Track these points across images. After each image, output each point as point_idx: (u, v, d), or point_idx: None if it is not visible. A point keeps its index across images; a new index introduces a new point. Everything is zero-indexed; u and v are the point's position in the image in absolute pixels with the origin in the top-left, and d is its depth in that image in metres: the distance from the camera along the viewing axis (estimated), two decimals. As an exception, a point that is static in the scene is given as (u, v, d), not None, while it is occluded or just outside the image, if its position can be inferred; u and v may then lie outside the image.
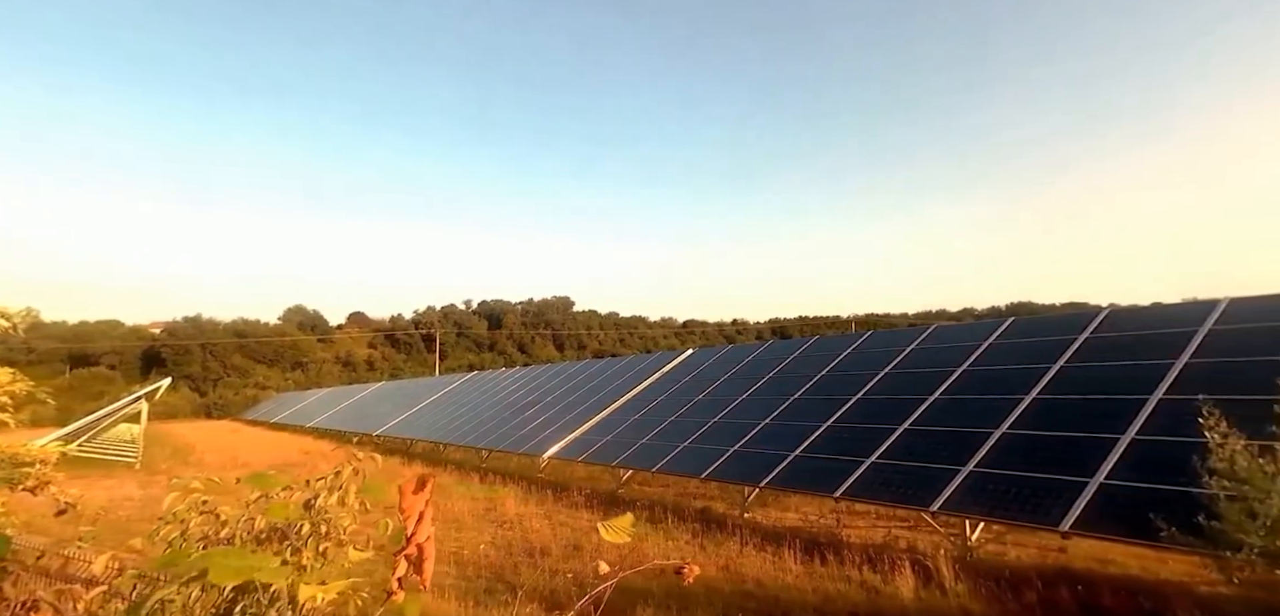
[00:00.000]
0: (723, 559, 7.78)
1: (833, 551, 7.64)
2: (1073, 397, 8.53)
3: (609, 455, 13.22)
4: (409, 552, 1.54)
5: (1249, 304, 8.85)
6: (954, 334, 12.60)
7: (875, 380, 11.63)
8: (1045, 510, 6.64)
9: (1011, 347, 10.71)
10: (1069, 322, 10.67)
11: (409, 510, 1.54)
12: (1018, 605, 5.75)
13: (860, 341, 14.03)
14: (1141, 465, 6.65)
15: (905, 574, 6.54)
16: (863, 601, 6.15)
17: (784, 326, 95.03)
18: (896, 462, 8.73)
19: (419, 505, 1.56)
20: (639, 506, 10.63)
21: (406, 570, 1.56)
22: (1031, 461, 7.57)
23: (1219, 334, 8.45)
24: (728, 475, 10.52)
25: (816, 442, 10.19)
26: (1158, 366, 8.29)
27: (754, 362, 15.49)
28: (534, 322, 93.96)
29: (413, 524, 1.54)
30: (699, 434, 12.43)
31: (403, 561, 1.55)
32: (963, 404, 9.57)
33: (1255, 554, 3.72)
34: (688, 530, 9.07)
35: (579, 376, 21.06)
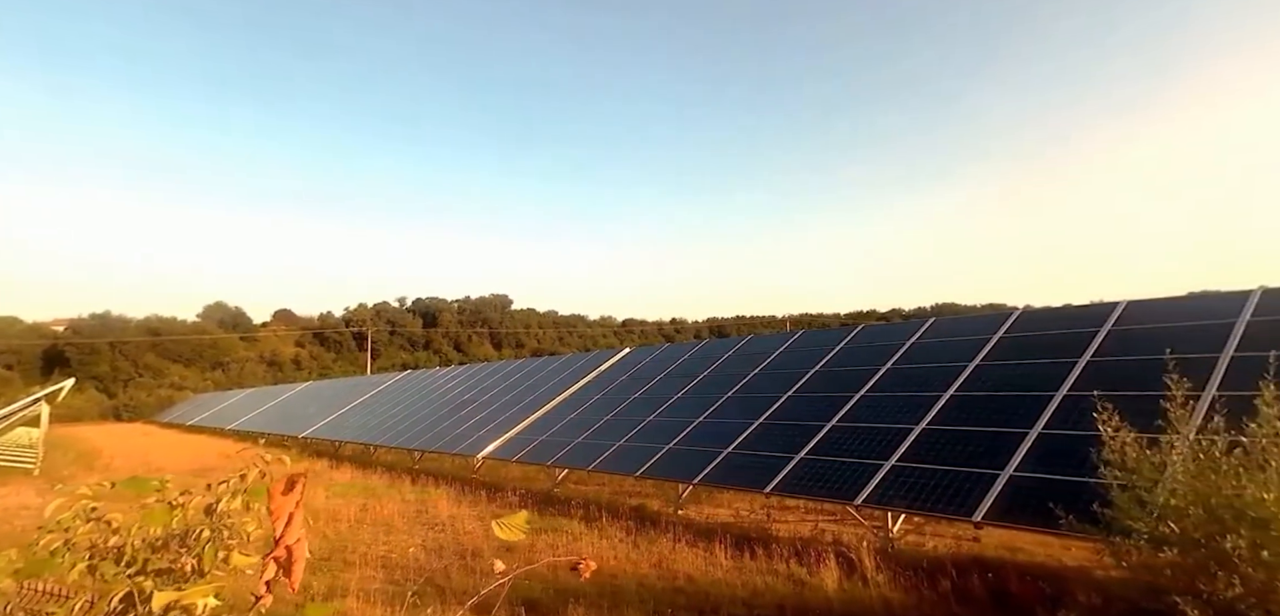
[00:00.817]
0: (656, 556, 7.83)
1: (762, 546, 7.79)
2: (988, 394, 8.96)
3: (545, 454, 13.12)
4: (278, 555, 1.49)
5: (1144, 305, 9.52)
6: (880, 333, 13.06)
7: (805, 378, 11.94)
8: (960, 502, 6.96)
9: (933, 347, 11.18)
10: (986, 323, 11.22)
11: (278, 511, 1.49)
12: (933, 593, 6.01)
13: (792, 340, 14.37)
14: (1046, 458, 7.06)
15: (830, 566, 6.74)
16: (789, 594, 6.30)
17: (722, 326, 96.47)
18: (824, 458, 8.98)
19: (288, 506, 1.51)
20: (574, 505, 10.59)
21: (275, 573, 1.51)
22: (949, 455, 7.92)
23: (1117, 334, 9.05)
24: (662, 473, 10.60)
25: (748, 439, 10.39)
26: (1063, 364, 8.81)
27: (690, 361, 15.66)
28: (471, 321, 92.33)
29: (282, 525, 1.49)
30: (635, 432, 12.48)
31: (271, 564, 1.50)
32: (887, 401, 9.93)
33: (1143, 539, 4.01)
34: (622, 528, 9.10)
35: (515, 375, 20.82)
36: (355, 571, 7.66)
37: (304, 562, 1.52)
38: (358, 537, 9.37)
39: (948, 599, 5.89)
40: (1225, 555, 3.54)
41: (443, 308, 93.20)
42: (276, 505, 1.50)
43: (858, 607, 5.85)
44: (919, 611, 5.70)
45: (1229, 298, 8.64)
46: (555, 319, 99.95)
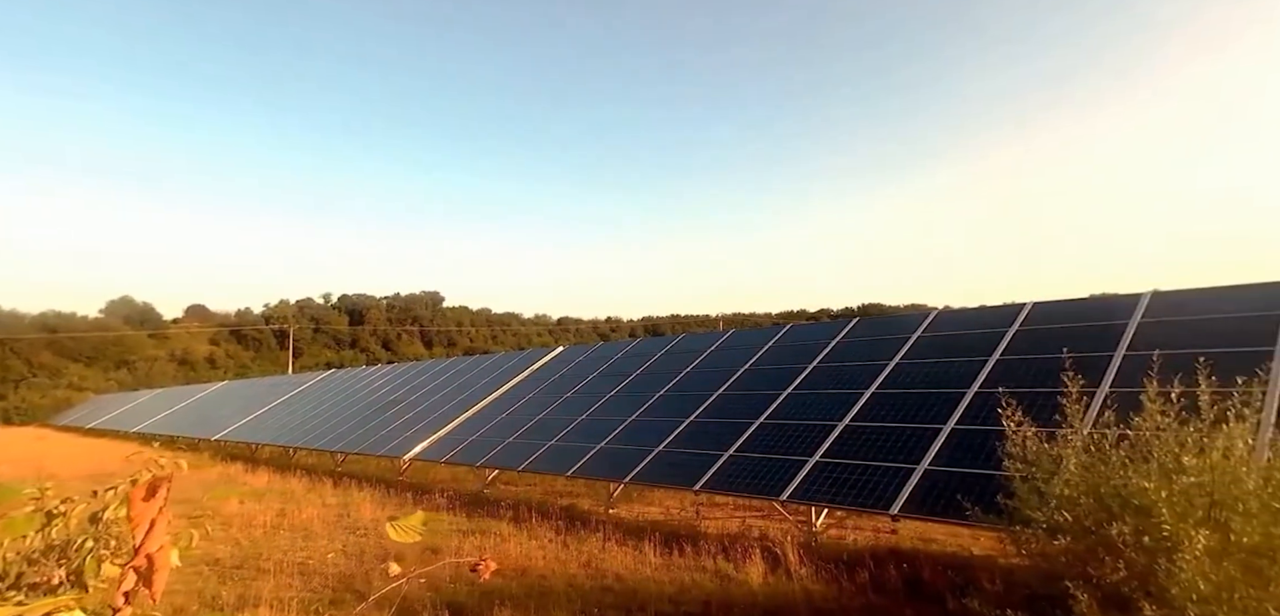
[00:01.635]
0: (586, 555, 7.80)
1: (691, 543, 7.88)
2: (906, 391, 9.33)
3: (474, 455, 12.88)
4: (137, 564, 1.40)
5: (1048, 307, 10.11)
6: (807, 333, 13.42)
7: (736, 377, 12.14)
8: (879, 496, 7.22)
9: (856, 345, 11.56)
10: (905, 323, 11.68)
11: (138, 518, 1.40)
12: (852, 585, 6.22)
13: (723, 340, 14.60)
14: (958, 452, 7.40)
15: (755, 561, 6.87)
16: (715, 589, 6.39)
17: (657, 325, 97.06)
18: (752, 455, 9.15)
19: (150, 512, 1.42)
20: (503, 506, 10.44)
21: (135, 583, 1.42)
22: (870, 451, 8.20)
23: (1024, 333, 9.58)
24: (593, 472, 10.58)
25: (679, 437, 10.48)
26: (975, 362, 9.26)
27: (623, 360, 15.68)
28: (400, 319, 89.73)
29: (142, 533, 1.40)
30: (567, 431, 12.40)
31: (130, 573, 1.41)
32: (813, 398, 10.20)
33: (1041, 528, 4.25)
34: (551, 528, 9.02)
35: (446, 374, 20.36)
36: (270, 579, 7.32)
37: (167, 572, 1.43)
38: (274, 543, 8.96)
39: (865, 589, 6.10)
40: (1112, 541, 3.79)
41: (371, 305, 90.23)
42: (137, 511, 1.40)
43: (780, 601, 5.98)
44: (838, 603, 5.88)
45: (1123, 300, 9.27)
46: (489, 317, 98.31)
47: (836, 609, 5.75)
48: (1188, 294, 8.82)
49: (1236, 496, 3.64)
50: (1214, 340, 7.49)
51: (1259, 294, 8.10)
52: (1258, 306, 7.87)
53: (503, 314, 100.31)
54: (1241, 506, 3.62)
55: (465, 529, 9.32)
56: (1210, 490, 3.73)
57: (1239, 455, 3.80)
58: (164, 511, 1.43)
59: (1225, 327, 7.80)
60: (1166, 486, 3.75)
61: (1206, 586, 3.44)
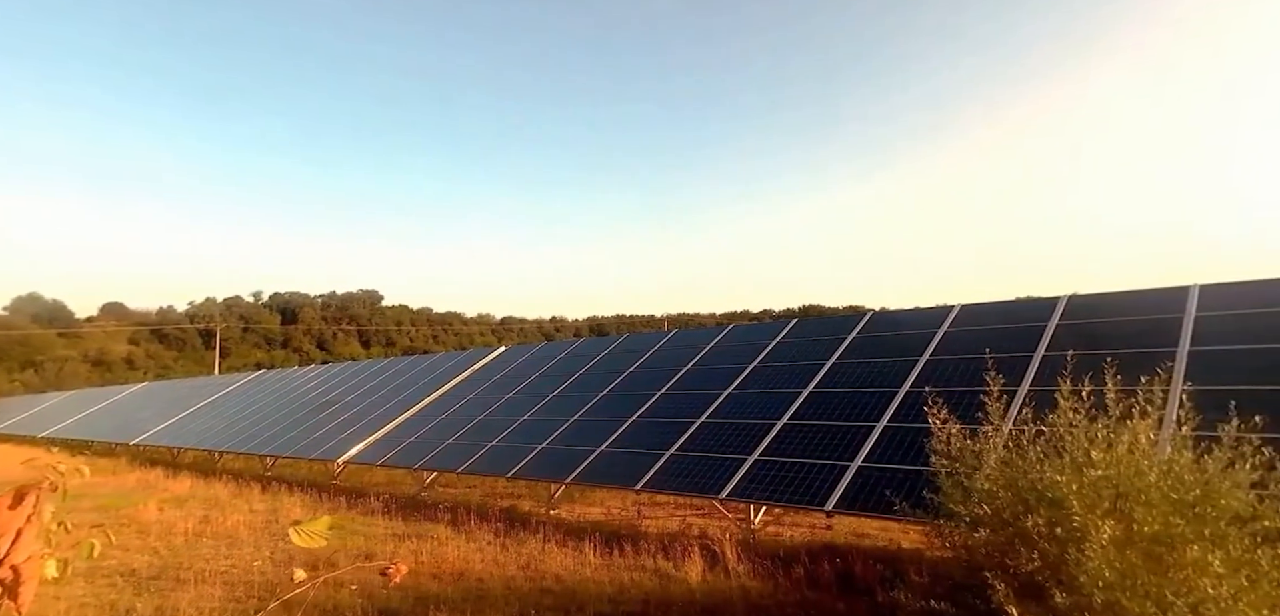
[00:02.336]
0: (525, 557, 7.72)
1: (631, 542, 7.89)
2: (842, 390, 9.58)
3: (412, 457, 12.58)
4: (3, 576, 1.31)
5: (974, 309, 10.55)
6: (748, 333, 13.63)
7: (678, 376, 12.23)
8: (814, 493, 7.39)
9: (795, 346, 11.81)
10: (842, 324, 12.00)
11: (3, 529, 1.31)
12: (788, 580, 6.35)
13: (666, 339, 14.69)
14: (890, 449, 7.65)
15: (695, 559, 6.93)
16: (655, 588, 6.41)
17: (601, 324, 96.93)
18: (693, 454, 9.24)
19: (16, 522, 1.34)
20: (442, 509, 10.22)
21: (0, 595, 1.33)
22: (807, 449, 8.38)
23: (952, 334, 9.96)
24: (534, 473, 10.48)
25: (622, 437, 10.49)
26: (907, 362, 9.59)
27: (566, 360, 15.60)
28: (336, 318, 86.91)
29: (6, 544, 1.32)
30: (508, 432, 12.25)
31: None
32: (753, 397, 10.36)
33: (964, 521, 4.43)
34: (491, 530, 8.89)
35: (384, 374, 19.83)
36: (190, 589, 6.98)
37: (35, 584, 1.34)
38: (196, 552, 8.54)
39: (800, 585, 6.24)
40: (1027, 533, 3.98)
41: (304, 303, 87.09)
42: (1, 521, 1.31)
43: (718, 597, 6.05)
44: (774, 598, 5.99)
45: (1043, 303, 9.75)
46: (430, 317, 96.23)
47: (772, 604, 5.85)
48: (1101, 297, 9.35)
49: (1139, 488, 3.87)
50: (1123, 341, 7.97)
51: (1163, 297, 8.65)
52: (1162, 309, 8.40)
53: (444, 313, 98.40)
54: (1143, 498, 3.85)
55: (402, 533, 9.10)
56: (1116, 483, 3.95)
57: (1142, 450, 4.04)
58: (32, 521, 1.33)
59: (1133, 329, 8.30)
60: (1077, 480, 3.95)
61: (1111, 574, 3.64)
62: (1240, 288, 8.14)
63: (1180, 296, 8.45)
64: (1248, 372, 6.71)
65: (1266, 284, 8.02)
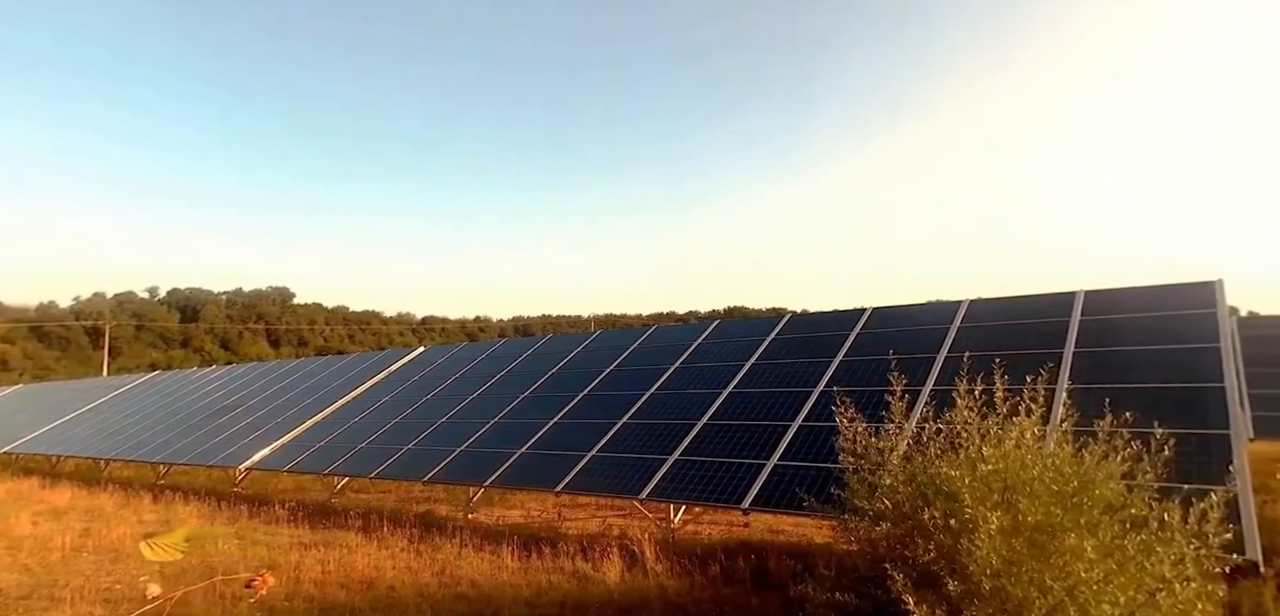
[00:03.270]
0: (440, 563, 7.51)
1: (551, 545, 7.81)
2: (760, 390, 9.80)
3: (322, 462, 12.04)
4: None
5: (886, 312, 11.00)
6: (671, 334, 13.75)
7: (601, 377, 12.21)
8: (732, 491, 7.53)
9: (716, 347, 12.00)
10: (761, 325, 12.28)
11: None
12: (704, 578, 6.44)
13: (590, 340, 14.65)
14: (804, 448, 7.88)
15: (614, 560, 6.93)
16: (573, 590, 6.37)
17: (527, 324, 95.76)
18: (615, 455, 9.24)
19: None
20: (353, 516, 9.82)
21: None
22: (725, 448, 8.53)
23: (865, 335, 10.36)
24: (453, 476, 10.24)
25: (543, 439, 10.38)
26: (823, 363, 9.91)
27: (488, 361, 15.32)
28: (243, 316, 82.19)
29: None
30: (426, 435, 11.92)
31: None
32: (674, 398, 10.47)
33: (867, 516, 4.61)
34: (405, 537, 8.61)
35: (293, 376, 18.89)
36: (66, 608, 6.44)
37: None
38: (74, 568, 7.89)
39: (716, 582, 6.34)
40: (925, 525, 4.18)
41: (207, 301, 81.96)
42: None
43: (635, 597, 6.07)
44: (690, 595, 6.06)
45: (946, 306, 10.28)
46: (345, 315, 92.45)
47: (688, 602, 5.92)
48: (997, 301, 9.94)
49: (1024, 481, 4.13)
50: (1018, 342, 8.50)
51: (1053, 301, 9.28)
52: (1052, 313, 9.00)
53: (361, 312, 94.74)
54: (1028, 490, 4.11)
55: (308, 541, 8.68)
56: (1004, 476, 4.20)
57: (1027, 445, 4.31)
58: None
59: (1027, 331, 8.85)
60: (969, 474, 4.18)
61: (998, 561, 3.87)
62: (1119, 293, 8.84)
63: (1068, 301, 9.09)
64: (1123, 372, 7.29)
65: (1140, 290, 8.73)
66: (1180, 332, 7.52)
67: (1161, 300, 8.26)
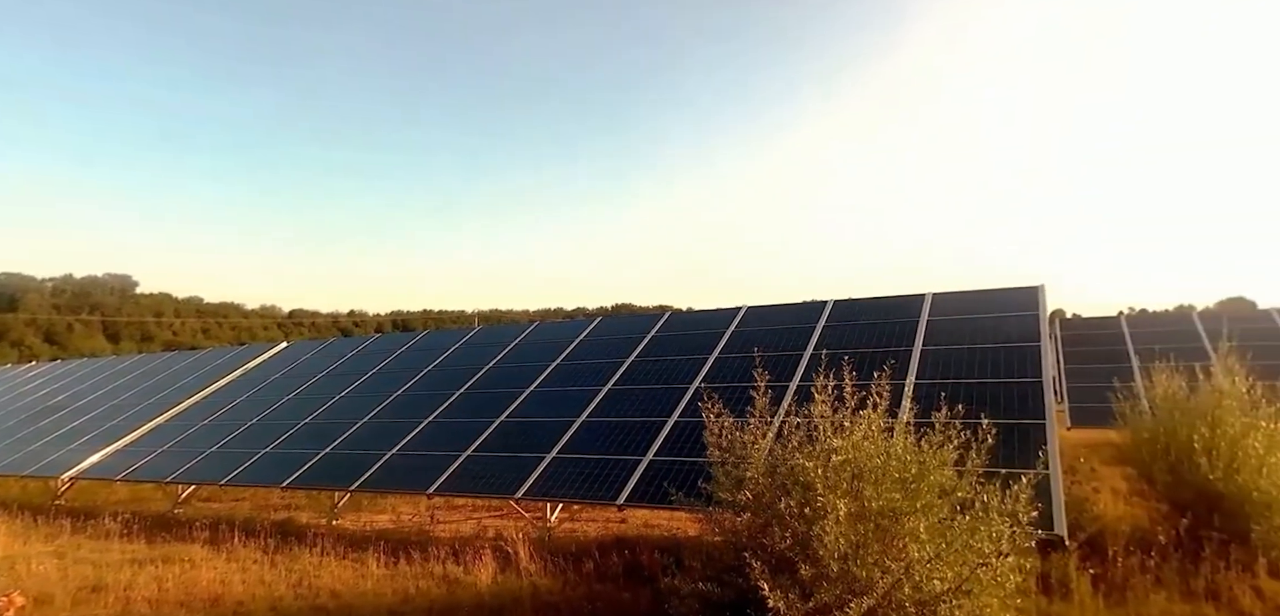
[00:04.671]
0: (297, 574, 7.04)
1: (420, 549, 7.53)
2: (639, 388, 9.94)
3: (164, 469, 10.97)
4: None
5: (759, 310, 11.47)
6: (553, 330, 13.67)
7: (480, 374, 11.92)
8: (608, 488, 7.58)
9: (598, 343, 12.04)
10: (642, 322, 12.46)
11: None
12: (578, 575, 6.44)
13: (470, 336, 14.29)
14: (678, 443, 8.07)
15: (486, 561, 6.79)
16: (441, 595, 6.18)
17: (407, 320, 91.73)
18: (491, 454, 9.05)
19: None
20: (199, 527, 8.99)
21: None
22: (603, 445, 8.57)
23: (739, 333, 10.76)
24: (316, 480, 9.64)
25: (416, 439, 9.99)
26: (699, 360, 10.19)
27: (360, 357, 14.56)
28: (74, 306, 73.13)
29: None
30: (287, 437, 11.14)
31: None
32: (554, 395, 10.40)
33: (730, 508, 4.79)
34: (258, 547, 8.01)
35: (133, 373, 17.10)
36: None
37: None
38: None
39: (590, 579, 6.36)
40: (782, 515, 4.40)
41: (29, 287, 72.11)
42: None
43: (507, 598, 5.98)
44: (563, 594, 6.04)
45: (814, 306, 10.87)
46: (199, 307, 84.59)
47: (560, 600, 5.90)
48: (859, 301, 10.63)
49: (870, 470, 4.44)
50: (875, 340, 9.14)
51: (905, 303, 10.03)
52: (904, 313, 9.74)
53: (218, 304, 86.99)
54: (873, 478, 4.42)
55: (143, 557, 7.87)
56: (853, 466, 4.50)
57: (873, 436, 4.64)
58: None
59: (883, 330, 9.52)
60: (823, 464, 4.44)
61: (846, 545, 4.15)
62: (960, 296, 9.71)
63: (918, 302, 9.88)
64: (960, 367, 8.02)
65: (977, 293, 9.64)
66: (1008, 332, 8.37)
67: (994, 302, 9.16)
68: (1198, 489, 6.36)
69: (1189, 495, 6.48)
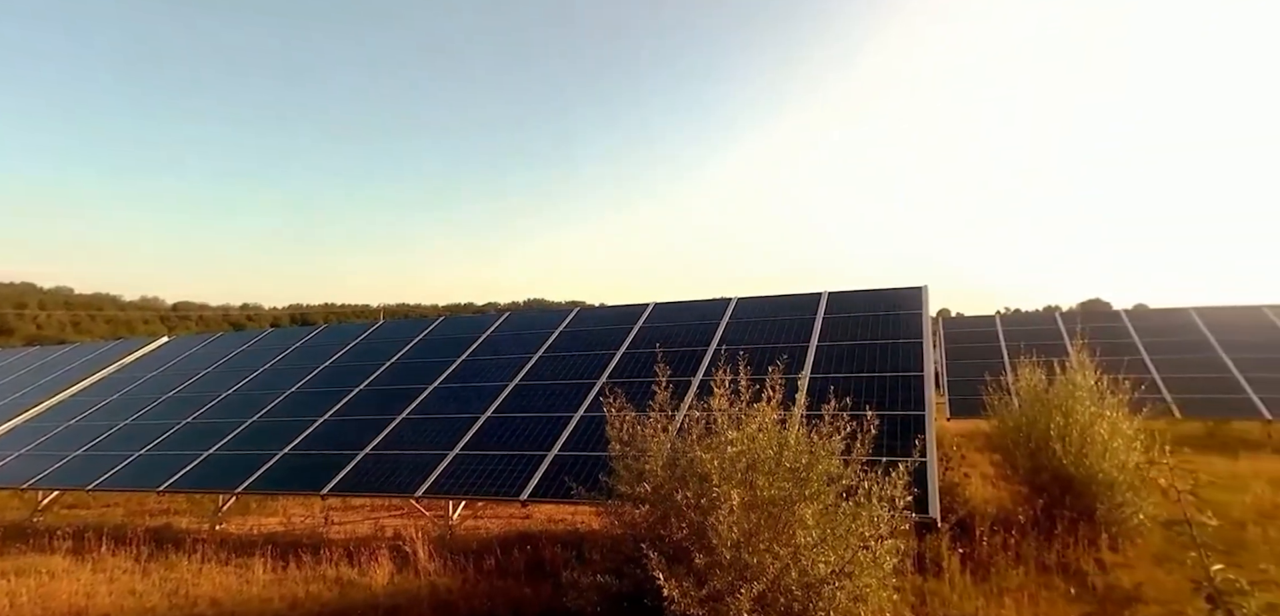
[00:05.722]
0: (174, 583, 6.60)
1: (313, 552, 7.22)
2: (546, 383, 9.88)
3: (20, 474, 9.97)
4: None
5: (666, 306, 11.64)
6: (460, 326, 13.37)
7: (380, 370, 11.52)
8: (512, 484, 7.52)
9: (506, 338, 11.89)
10: (551, 318, 12.39)
11: None
12: (478, 573, 6.36)
13: (371, 331, 13.79)
14: (584, 438, 8.10)
15: (383, 562, 6.60)
16: (334, 598, 5.96)
17: (306, 314, 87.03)
18: (391, 452, 8.77)
19: None
20: (60, 536, 8.25)
21: None
22: (508, 441, 8.48)
23: (647, 329, 10.87)
24: (198, 483, 9.03)
25: (311, 437, 9.54)
26: (607, 355, 10.25)
27: (251, 352, 13.74)
28: (-85, 295, 65.12)
29: None
30: (165, 438, 10.39)
31: None
32: (459, 391, 10.19)
33: (629, 501, 4.88)
34: (130, 556, 7.44)
35: (-17, 370, 15.41)
36: None
37: None
38: None
39: (491, 575, 6.30)
40: (679, 505, 4.53)
41: None
42: None
43: (403, 598, 5.83)
44: (462, 591, 5.96)
45: (717, 303, 11.15)
46: (67, 298, 77.15)
47: (459, 598, 5.82)
48: (757, 299, 10.99)
49: (763, 460, 4.64)
50: (775, 336, 9.48)
51: (804, 300, 10.47)
52: (802, 310, 10.17)
53: (92, 295, 79.59)
54: (766, 468, 4.62)
55: (-7, 571, 7.15)
56: (748, 456, 4.68)
57: (767, 428, 4.84)
58: None
59: (781, 327, 9.90)
60: (719, 456, 4.60)
61: (738, 533, 4.32)
62: (853, 295, 10.23)
63: (815, 300, 10.33)
64: (853, 363, 8.46)
65: (868, 292, 10.18)
66: (894, 329, 8.91)
67: (882, 301, 9.71)
68: (1053, 472, 7.02)
69: (1046, 478, 7.14)
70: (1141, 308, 20.79)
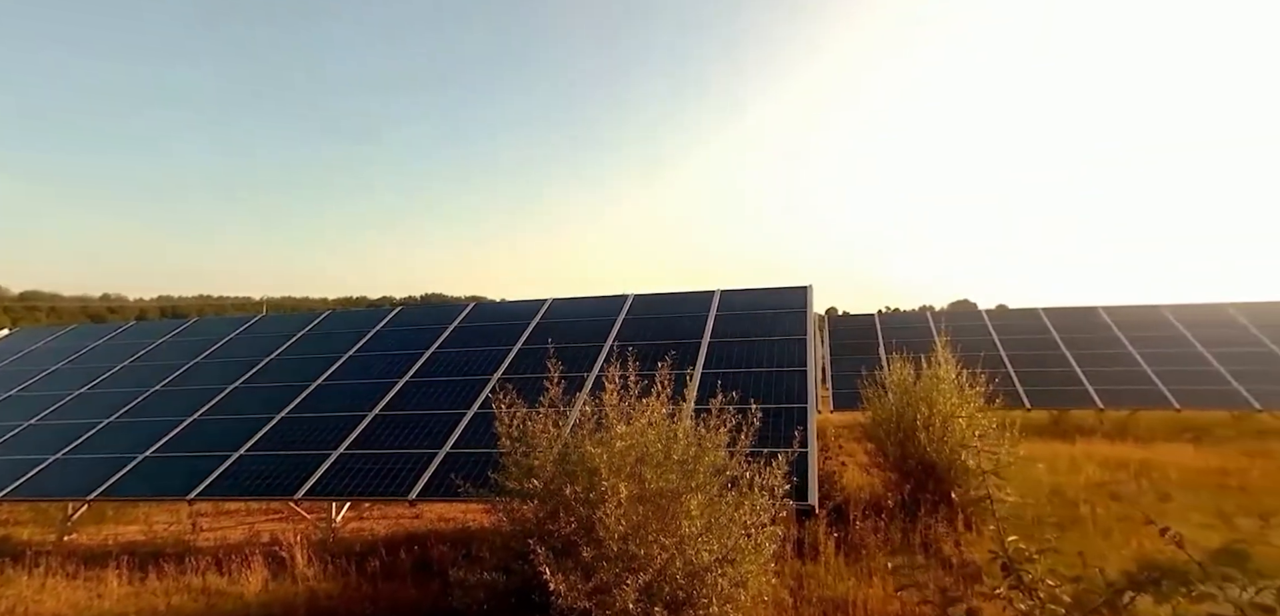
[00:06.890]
0: (10, 601, 5.96)
1: (177, 561, 6.72)
2: (440, 379, 9.66)
3: None
4: None
5: (564, 303, 11.65)
6: (348, 320, 12.82)
7: (261, 365, 10.87)
8: (400, 483, 7.30)
9: (398, 333, 11.51)
10: (447, 312, 12.11)
11: None
12: (361, 575, 6.14)
13: (253, 324, 12.99)
14: (476, 434, 7.99)
15: (256, 569, 6.24)
16: (199, 609, 5.59)
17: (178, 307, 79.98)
18: (269, 453, 8.30)
19: None
20: None
21: None
22: (398, 439, 8.23)
23: (545, 325, 10.84)
24: (42, 490, 8.21)
25: (177, 439, 8.87)
26: (503, 350, 10.13)
27: (108, 348, 12.59)
28: None
29: None
30: (5, 439, 9.33)
31: None
32: (345, 388, 9.78)
33: (518, 497, 4.87)
34: (-45, 574, 6.65)
35: None
36: None
37: None
38: None
39: (375, 578, 6.10)
40: (567, 500, 4.57)
41: None
42: None
43: (278, 606, 5.55)
44: (343, 596, 5.74)
45: (615, 300, 11.27)
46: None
47: (340, 603, 5.61)
48: (656, 296, 11.22)
49: (651, 453, 4.76)
50: (670, 333, 9.69)
51: (698, 299, 10.78)
52: (698, 308, 10.46)
53: (-90, 280, 69.43)
54: (654, 461, 4.75)
55: None
56: (637, 450, 4.79)
57: (656, 422, 4.97)
58: None
59: (678, 324, 10.13)
60: (608, 450, 4.68)
61: (626, 526, 4.42)
62: (742, 293, 10.64)
63: (708, 298, 10.66)
64: (741, 358, 8.81)
65: (757, 291, 10.62)
66: (780, 327, 9.35)
67: (770, 300, 10.16)
68: (918, 459, 7.62)
69: (913, 465, 7.73)
70: (1002, 308, 22.84)
